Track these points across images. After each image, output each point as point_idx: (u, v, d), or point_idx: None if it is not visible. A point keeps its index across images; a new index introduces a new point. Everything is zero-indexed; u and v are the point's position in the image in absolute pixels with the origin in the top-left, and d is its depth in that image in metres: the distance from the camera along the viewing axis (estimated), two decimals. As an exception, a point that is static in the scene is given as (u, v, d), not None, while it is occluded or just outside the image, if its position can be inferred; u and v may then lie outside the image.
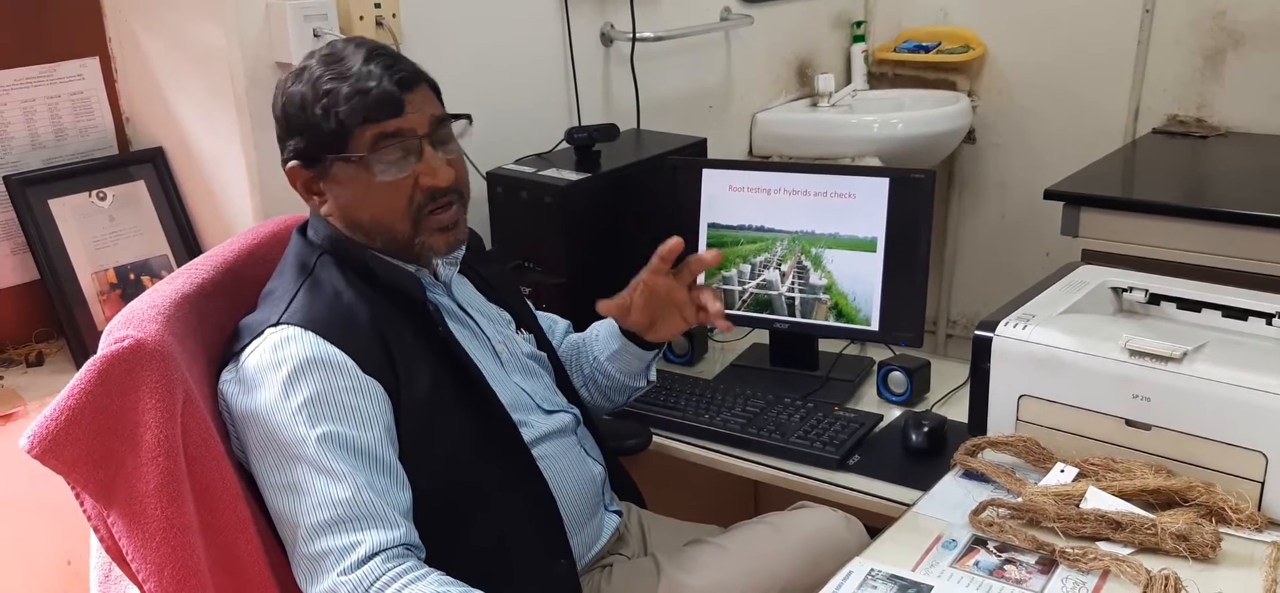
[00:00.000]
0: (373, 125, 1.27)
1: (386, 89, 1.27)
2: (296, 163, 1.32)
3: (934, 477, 1.42)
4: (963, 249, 3.25)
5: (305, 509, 1.18)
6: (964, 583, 1.17)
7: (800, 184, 1.86)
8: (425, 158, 1.30)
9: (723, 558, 1.50)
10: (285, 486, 1.20)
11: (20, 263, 1.73)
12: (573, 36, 2.21)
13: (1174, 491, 1.27)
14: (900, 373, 1.80)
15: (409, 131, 1.29)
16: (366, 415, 1.22)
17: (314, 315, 1.25)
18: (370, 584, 1.15)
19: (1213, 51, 2.70)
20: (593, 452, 1.53)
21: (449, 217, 1.34)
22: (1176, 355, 1.30)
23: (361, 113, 1.26)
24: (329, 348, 1.23)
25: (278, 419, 1.20)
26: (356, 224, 1.33)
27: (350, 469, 1.19)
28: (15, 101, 1.72)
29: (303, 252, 1.34)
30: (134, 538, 1.10)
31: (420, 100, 1.31)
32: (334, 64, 1.28)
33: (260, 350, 1.24)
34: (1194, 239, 2.14)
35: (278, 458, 1.20)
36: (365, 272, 1.32)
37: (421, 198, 1.31)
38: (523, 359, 1.50)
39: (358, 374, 1.23)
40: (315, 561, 1.18)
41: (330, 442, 1.19)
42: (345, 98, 1.26)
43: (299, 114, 1.29)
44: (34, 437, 1.07)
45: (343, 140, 1.27)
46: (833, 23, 3.07)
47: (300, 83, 1.29)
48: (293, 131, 1.31)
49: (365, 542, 1.17)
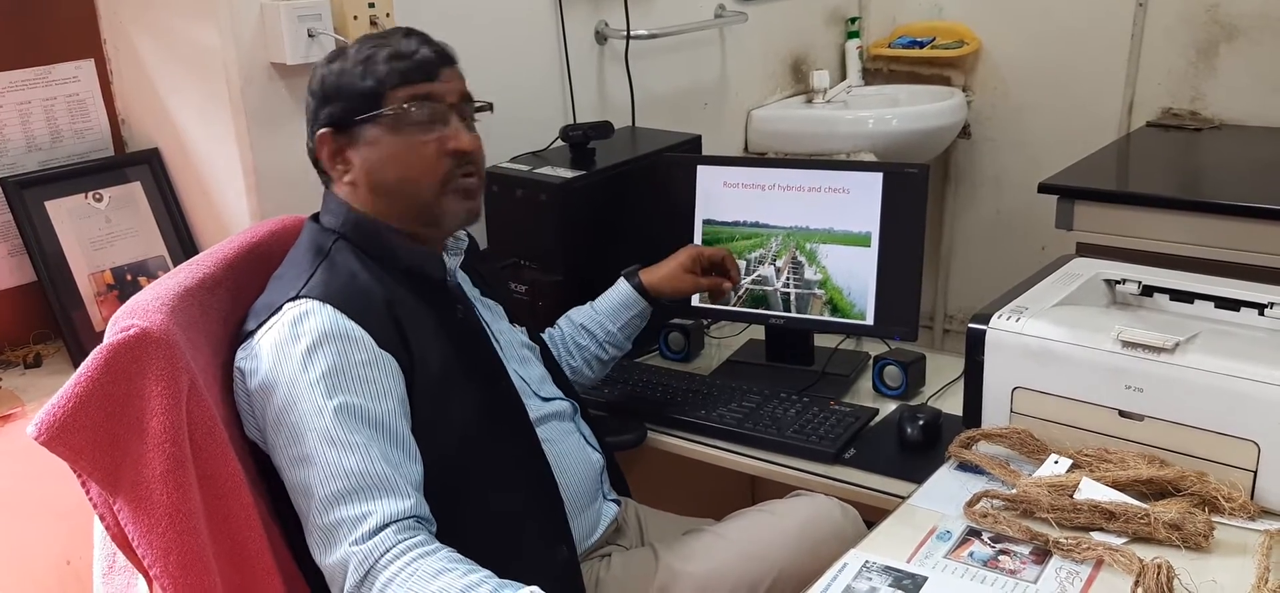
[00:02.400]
0: (408, 86, 1.35)
1: (424, 55, 1.37)
2: (327, 130, 1.37)
3: (929, 469, 1.43)
4: (959, 244, 3.26)
5: (319, 480, 1.20)
6: (958, 574, 1.18)
7: (794, 180, 1.86)
8: (452, 124, 1.38)
9: (720, 546, 1.52)
10: (301, 457, 1.22)
11: (17, 265, 1.74)
12: (567, 34, 2.21)
13: (1167, 480, 1.28)
14: (895, 367, 1.80)
15: (440, 97, 1.37)
16: (381, 387, 1.26)
17: (332, 291, 1.29)
18: (381, 554, 1.17)
19: (1206, 44, 2.71)
20: (592, 441, 1.56)
21: (472, 183, 1.40)
22: (1169, 346, 1.31)
23: (399, 75, 1.35)
24: (346, 321, 1.26)
25: (297, 390, 1.23)
26: (381, 185, 1.37)
27: (365, 440, 1.21)
28: (11, 104, 1.73)
29: (318, 236, 1.38)
30: (140, 524, 1.12)
31: (453, 75, 1.40)
32: (374, 38, 1.40)
33: (279, 325, 1.27)
34: (1188, 231, 2.15)
35: (294, 431, 1.23)
36: (382, 254, 1.36)
37: (449, 162, 1.37)
38: (518, 348, 1.53)
39: (373, 347, 1.27)
40: (328, 531, 1.20)
41: (346, 412, 1.22)
42: (384, 60, 1.35)
43: (335, 82, 1.37)
44: (41, 423, 1.08)
45: (377, 99, 1.35)
46: (827, 19, 3.08)
47: (340, 59, 1.38)
48: (327, 101, 1.38)
49: (376, 512, 1.19)
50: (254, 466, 1.29)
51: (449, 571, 1.16)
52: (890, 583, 1.16)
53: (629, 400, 1.81)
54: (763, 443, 1.67)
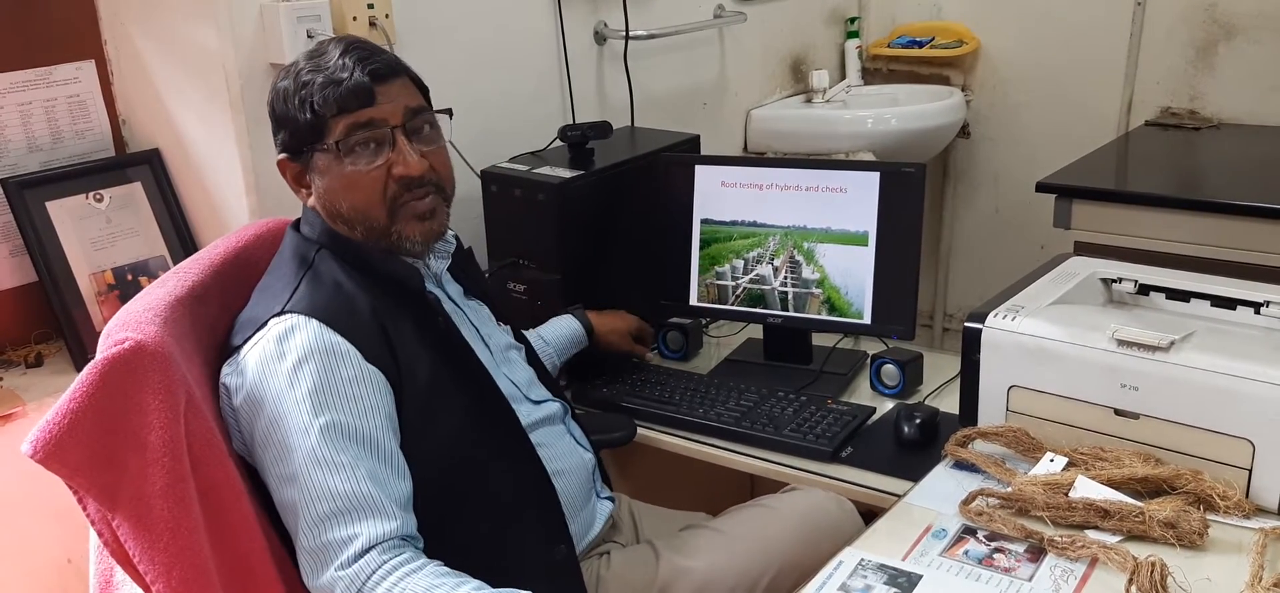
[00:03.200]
0: (346, 115, 1.31)
1: (358, 80, 1.30)
2: (284, 155, 1.36)
3: (926, 468, 1.43)
4: (958, 243, 3.27)
5: (305, 501, 1.20)
6: (953, 572, 1.18)
7: (792, 179, 1.87)
8: (398, 147, 1.33)
9: (719, 541, 1.52)
10: (288, 477, 1.21)
11: (18, 265, 1.74)
12: (566, 34, 2.22)
13: (1162, 479, 1.28)
14: (893, 366, 1.81)
15: (381, 121, 1.32)
16: (369, 403, 1.24)
17: (317, 304, 1.27)
18: (366, 577, 1.17)
19: (1205, 43, 2.71)
20: (582, 441, 1.56)
21: (425, 206, 1.35)
22: (1164, 345, 1.31)
23: (335, 103, 1.30)
24: (333, 336, 1.25)
25: (283, 407, 1.22)
26: (337, 214, 1.35)
27: (351, 460, 1.20)
28: (12, 105, 1.74)
29: (300, 246, 1.36)
30: (141, 541, 1.10)
31: (395, 91, 1.33)
32: (314, 58, 1.34)
33: (264, 341, 1.25)
34: (1186, 230, 2.15)
35: (281, 449, 1.22)
36: (362, 264, 1.34)
37: (395, 187, 1.33)
38: (504, 351, 1.53)
39: (360, 362, 1.25)
40: (314, 554, 1.19)
41: (333, 430, 1.21)
42: (319, 89, 1.30)
43: (283, 107, 1.34)
44: (36, 441, 1.06)
45: (319, 131, 1.31)
46: (827, 19, 3.08)
47: (287, 78, 1.34)
48: (280, 125, 1.36)
49: (362, 535, 1.18)
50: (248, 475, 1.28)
51: (437, 586, 1.16)
52: (885, 581, 1.17)
53: (627, 399, 1.82)
54: (760, 441, 1.67)
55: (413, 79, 1.38)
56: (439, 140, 1.39)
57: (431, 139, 1.38)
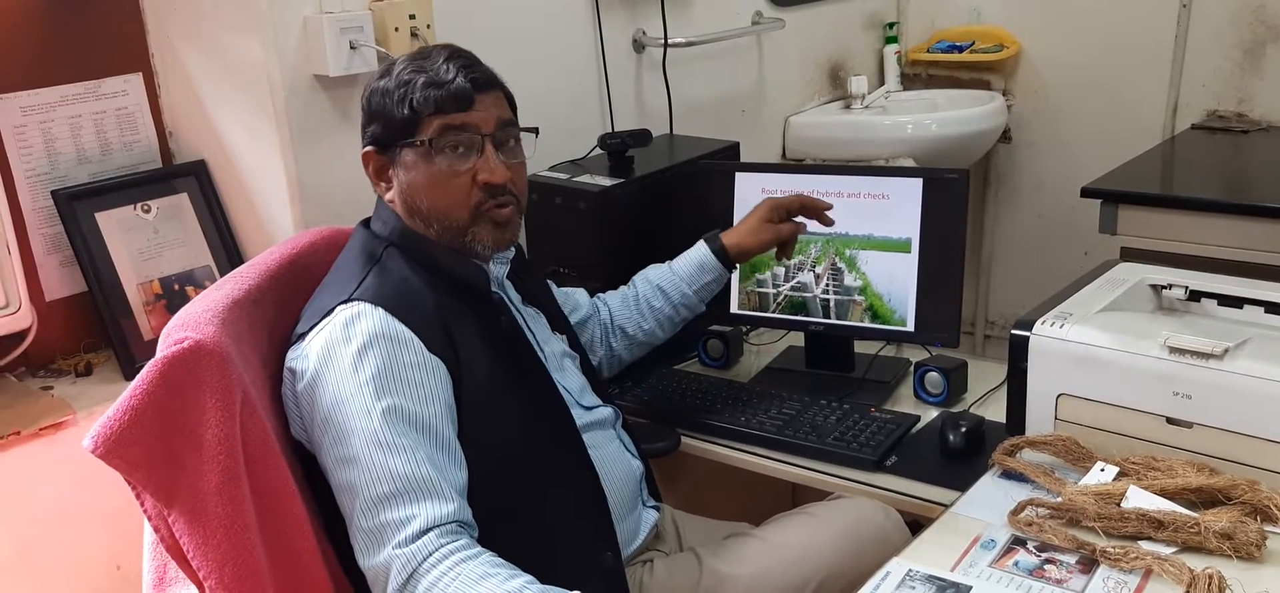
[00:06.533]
0: (442, 116, 1.36)
1: (460, 85, 1.36)
2: (371, 148, 1.40)
3: (972, 477, 1.41)
4: (1000, 249, 3.23)
5: (365, 482, 1.22)
6: (1003, 583, 1.17)
7: (833, 186, 1.86)
8: (486, 155, 1.38)
9: (763, 550, 1.52)
10: (347, 458, 1.24)
11: (68, 275, 1.77)
12: (605, 43, 2.22)
13: (1217, 489, 1.25)
14: (937, 374, 1.79)
15: (474, 127, 1.37)
16: (429, 390, 1.27)
17: (383, 294, 1.31)
18: (424, 558, 1.18)
19: (1252, 45, 2.67)
20: (631, 448, 1.57)
21: (504, 215, 1.41)
22: (1218, 352, 1.29)
23: (434, 103, 1.35)
24: (396, 324, 1.28)
25: (346, 390, 1.25)
26: (416, 209, 1.39)
27: (411, 443, 1.23)
28: (62, 118, 1.76)
29: (369, 242, 1.41)
30: (195, 537, 1.13)
31: (491, 102, 1.39)
32: (418, 61, 1.39)
33: (330, 326, 1.29)
34: (1235, 235, 2.11)
35: (341, 431, 1.24)
36: (430, 263, 1.38)
37: (479, 193, 1.38)
38: (559, 358, 1.54)
39: (422, 350, 1.29)
40: (371, 534, 1.21)
41: (394, 415, 1.24)
42: (421, 87, 1.36)
43: (380, 102, 1.39)
44: (98, 436, 1.09)
45: (413, 127, 1.36)
46: (865, 24, 3.07)
47: (387, 78, 1.40)
48: (373, 119, 1.40)
49: (421, 515, 1.20)
50: (301, 471, 1.30)
51: (491, 576, 1.17)
52: (934, 592, 1.15)
53: (668, 407, 1.81)
54: (803, 450, 1.66)
55: (506, 95, 1.44)
56: (522, 155, 1.44)
57: (516, 153, 1.43)
